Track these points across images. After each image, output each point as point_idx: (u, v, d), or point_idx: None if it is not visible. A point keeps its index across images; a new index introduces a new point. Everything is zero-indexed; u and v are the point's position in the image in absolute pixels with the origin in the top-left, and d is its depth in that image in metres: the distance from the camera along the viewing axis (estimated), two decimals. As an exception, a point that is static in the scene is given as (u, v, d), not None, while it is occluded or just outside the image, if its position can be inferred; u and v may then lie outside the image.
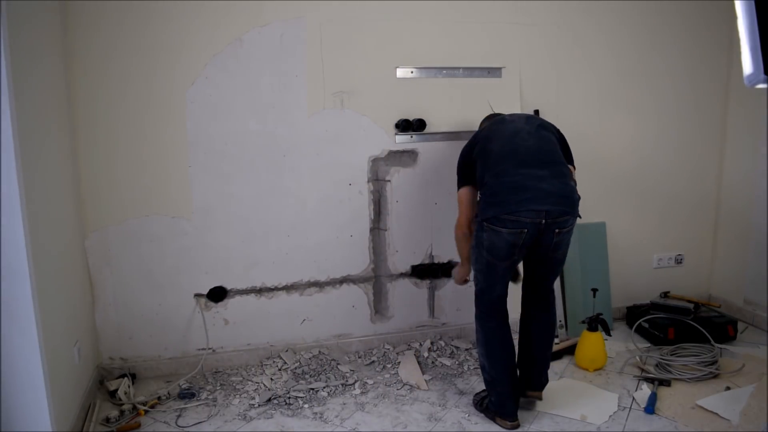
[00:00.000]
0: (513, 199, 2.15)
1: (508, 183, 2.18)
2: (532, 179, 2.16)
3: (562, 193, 2.18)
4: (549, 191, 2.16)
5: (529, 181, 2.16)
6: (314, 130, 2.87)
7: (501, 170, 2.22)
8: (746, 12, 0.97)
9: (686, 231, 3.56)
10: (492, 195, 2.21)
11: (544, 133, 2.36)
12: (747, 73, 1.00)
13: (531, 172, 2.18)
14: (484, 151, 2.35)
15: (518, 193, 2.15)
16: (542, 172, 2.19)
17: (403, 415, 2.46)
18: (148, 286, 2.77)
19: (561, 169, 2.24)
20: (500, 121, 2.47)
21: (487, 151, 2.33)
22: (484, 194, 2.27)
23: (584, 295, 3.16)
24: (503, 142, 2.31)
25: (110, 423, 2.37)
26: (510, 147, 2.27)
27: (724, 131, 3.50)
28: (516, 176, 2.18)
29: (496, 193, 2.19)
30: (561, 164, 2.27)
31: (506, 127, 2.38)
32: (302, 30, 2.77)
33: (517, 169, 2.19)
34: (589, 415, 2.42)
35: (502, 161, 2.24)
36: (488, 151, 2.32)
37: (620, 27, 3.23)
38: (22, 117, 1.85)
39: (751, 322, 3.36)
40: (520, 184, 2.16)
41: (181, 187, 2.75)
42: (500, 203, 2.17)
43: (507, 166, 2.22)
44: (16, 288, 1.83)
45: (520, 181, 2.17)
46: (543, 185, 2.16)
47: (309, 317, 3.01)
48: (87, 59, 2.55)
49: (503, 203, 2.16)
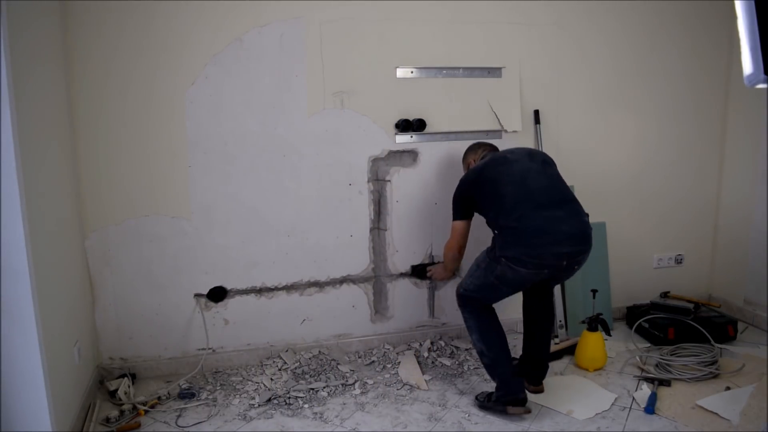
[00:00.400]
0: (537, 242, 2.24)
1: (530, 227, 2.26)
2: (552, 222, 2.25)
3: (581, 233, 2.30)
4: (569, 233, 2.26)
5: (549, 224, 2.25)
6: (314, 130, 2.87)
7: (521, 215, 2.28)
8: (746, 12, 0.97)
9: (686, 231, 3.56)
10: (515, 236, 2.28)
11: (550, 170, 2.46)
12: (747, 73, 0.99)
13: (550, 214, 2.27)
14: (495, 195, 2.39)
15: (541, 236, 2.24)
16: (560, 212, 2.29)
17: (403, 415, 2.46)
18: (148, 286, 2.77)
19: (576, 207, 2.35)
20: (502, 160, 2.47)
21: (499, 195, 2.37)
22: (505, 235, 2.32)
23: (584, 295, 3.16)
24: (516, 186, 2.36)
25: (110, 423, 2.37)
26: (524, 190, 2.33)
27: (724, 131, 3.50)
28: (537, 219, 2.26)
29: (519, 236, 2.27)
30: (574, 201, 2.38)
31: (513, 168, 2.41)
32: (302, 30, 2.77)
33: (537, 212, 2.27)
34: (576, 410, 2.43)
35: (520, 205, 2.30)
36: (501, 195, 2.37)
37: (620, 27, 3.23)
38: (22, 117, 1.86)
39: (751, 322, 3.36)
40: (542, 228, 2.25)
41: (180, 187, 2.75)
42: (524, 245, 2.25)
43: (525, 210, 2.28)
44: (16, 288, 1.83)
45: (542, 225, 2.25)
46: (563, 227, 2.26)
47: (309, 317, 3.01)
48: (87, 59, 2.55)
49: (528, 246, 2.25)
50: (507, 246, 2.28)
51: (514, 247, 2.26)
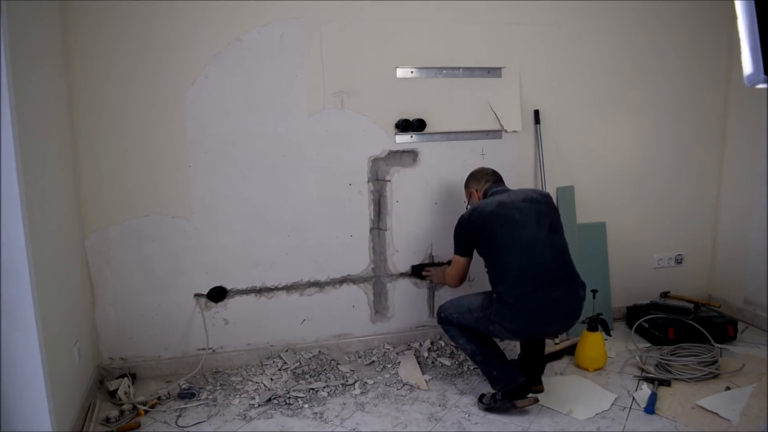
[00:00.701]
0: (533, 322, 2.36)
1: (529, 308, 2.33)
2: (550, 303, 2.34)
3: (575, 312, 2.42)
4: (565, 314, 2.40)
5: (548, 306, 2.34)
6: (314, 130, 2.87)
7: (522, 293, 2.34)
8: (746, 12, 0.97)
9: (686, 231, 3.56)
10: (512, 312, 2.35)
11: (556, 239, 2.45)
12: (747, 73, 0.99)
13: (550, 295, 2.34)
14: (498, 258, 2.41)
15: (538, 317, 2.35)
16: (559, 293, 2.36)
17: (403, 415, 2.46)
18: (148, 286, 2.77)
19: (575, 285, 2.41)
20: (510, 221, 2.40)
21: (503, 263, 2.38)
22: (502, 305, 2.36)
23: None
24: (522, 257, 2.36)
25: (110, 423, 2.37)
26: (529, 265, 2.35)
27: (724, 131, 3.50)
28: (536, 301, 2.33)
29: (517, 313, 2.35)
30: (574, 277, 2.43)
31: (521, 236, 2.38)
32: (302, 30, 2.77)
33: (537, 293, 2.33)
34: (576, 410, 2.43)
35: (523, 283, 2.34)
36: (504, 264, 2.37)
37: (620, 27, 3.23)
38: (22, 117, 1.86)
39: (751, 322, 3.36)
40: (540, 310, 2.34)
41: (181, 187, 2.75)
42: (520, 323, 2.37)
43: (527, 289, 2.34)
44: (16, 288, 1.83)
45: (540, 307, 2.33)
46: (560, 309, 2.37)
47: (309, 317, 3.01)
48: (87, 59, 2.55)
49: (524, 324, 2.37)
50: (503, 317, 2.37)
51: (510, 320, 2.36)
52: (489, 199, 2.54)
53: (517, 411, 2.42)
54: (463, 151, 3.08)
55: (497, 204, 2.47)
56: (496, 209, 2.45)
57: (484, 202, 2.52)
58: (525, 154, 3.18)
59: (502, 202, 2.47)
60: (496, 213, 2.44)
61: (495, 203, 2.48)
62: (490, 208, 2.46)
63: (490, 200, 2.52)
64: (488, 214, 2.45)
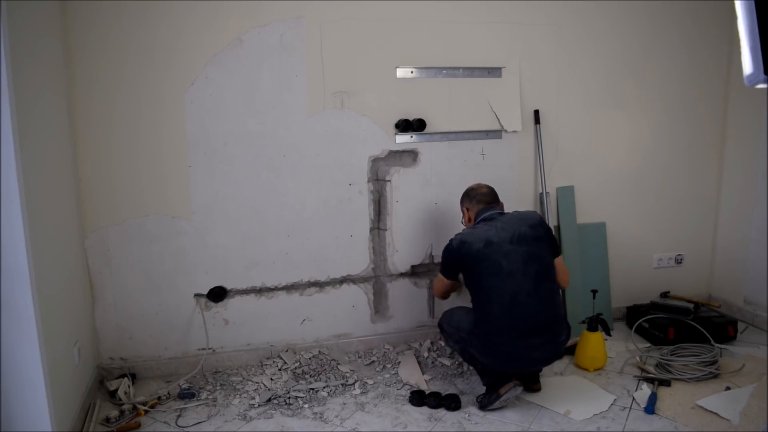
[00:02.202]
0: (507, 365, 2.43)
1: (505, 353, 2.39)
2: (527, 350, 2.38)
3: (551, 356, 2.48)
4: (540, 359, 2.46)
5: (524, 352, 2.38)
6: (314, 130, 2.87)
7: (500, 341, 2.38)
8: (746, 12, 0.97)
9: (686, 231, 3.56)
10: (489, 354, 2.42)
11: (543, 287, 2.42)
12: (747, 73, 0.99)
13: (528, 342, 2.37)
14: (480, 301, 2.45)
15: (513, 362, 2.41)
16: (538, 339, 2.39)
17: (403, 415, 2.46)
18: (148, 286, 2.77)
19: (556, 331, 2.44)
20: (496, 267, 2.39)
21: (484, 310, 2.42)
22: (481, 344, 2.42)
23: (584, 295, 3.15)
24: (503, 309, 2.37)
25: (110, 423, 2.37)
26: (510, 317, 2.37)
27: (724, 131, 3.50)
28: (513, 348, 2.37)
29: (493, 356, 2.41)
30: (557, 324, 2.46)
31: (505, 285, 2.38)
32: (302, 30, 2.77)
33: (515, 341, 2.37)
34: (575, 410, 2.44)
35: (501, 331, 2.38)
36: (486, 312, 2.41)
37: (620, 27, 3.23)
38: (21, 117, 1.86)
39: (751, 322, 3.36)
40: (516, 356, 2.39)
41: (180, 187, 2.74)
42: (497, 362, 2.42)
43: (505, 337, 2.37)
44: (16, 288, 1.83)
45: (516, 354, 2.38)
46: (536, 354, 2.41)
47: (309, 317, 3.01)
48: (86, 59, 2.55)
49: (501, 364, 2.43)
50: (481, 352, 2.44)
51: (486, 358, 2.43)
52: (478, 231, 2.50)
53: (513, 401, 2.47)
54: (463, 151, 3.08)
55: (485, 243, 2.43)
56: (483, 249, 2.42)
57: (473, 236, 2.48)
58: (525, 154, 3.18)
59: (489, 240, 2.43)
60: (483, 255, 2.42)
61: (483, 241, 2.44)
62: (478, 246, 2.44)
63: (479, 233, 2.48)
64: (475, 253, 2.43)
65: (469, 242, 2.47)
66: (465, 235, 2.54)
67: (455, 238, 2.55)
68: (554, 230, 3.24)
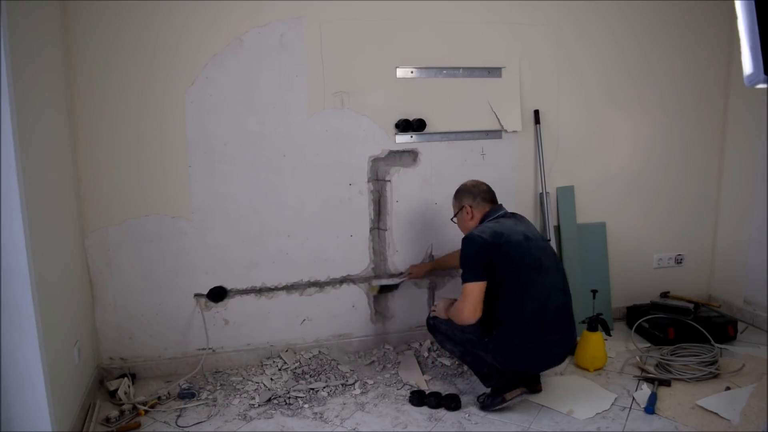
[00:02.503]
0: (532, 362, 2.44)
1: (531, 350, 2.37)
2: (550, 346, 2.40)
3: (567, 352, 2.50)
4: (560, 354, 2.46)
5: (548, 348, 2.40)
6: (314, 130, 2.87)
7: (531, 337, 2.35)
8: (746, 12, 0.97)
9: (686, 231, 3.56)
10: (516, 351, 2.37)
11: (567, 284, 2.49)
12: (747, 73, 0.99)
13: (552, 338, 2.39)
14: (514, 297, 2.34)
15: (539, 358, 2.42)
16: (559, 335, 2.41)
17: (403, 415, 2.46)
18: (148, 286, 2.77)
19: (572, 328, 2.48)
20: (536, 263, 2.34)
21: (519, 306, 2.34)
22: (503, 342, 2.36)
23: (584, 295, 3.15)
24: (538, 304, 2.34)
25: (110, 423, 2.37)
26: (543, 312, 2.36)
27: (724, 131, 3.50)
28: (541, 344, 2.37)
29: (521, 353, 2.37)
30: (573, 320, 2.50)
31: (543, 281, 2.35)
32: (302, 30, 2.77)
33: (542, 338, 2.37)
34: (577, 410, 2.44)
35: (532, 328, 2.35)
36: (520, 308, 2.34)
37: (620, 27, 3.23)
38: (22, 117, 1.86)
39: (751, 322, 3.36)
40: (541, 353, 2.39)
41: (180, 187, 2.74)
42: (520, 361, 2.40)
43: (536, 334, 2.35)
44: (16, 288, 1.83)
45: (542, 350, 2.39)
46: (557, 350, 2.43)
47: (309, 317, 3.01)
48: (86, 59, 2.55)
49: (523, 363, 2.41)
50: (502, 353, 2.38)
51: (507, 358, 2.38)
52: (508, 225, 2.39)
53: (513, 404, 2.44)
54: (463, 151, 3.08)
55: (524, 237, 2.35)
56: (524, 242, 2.34)
57: (507, 228, 2.37)
58: (525, 154, 3.18)
59: (526, 235, 2.36)
60: (525, 249, 2.34)
61: (521, 234, 2.35)
62: (517, 238, 2.34)
63: (509, 227, 2.37)
64: (516, 245, 2.32)
65: (506, 234, 2.33)
66: (494, 227, 2.37)
67: (481, 232, 2.35)
68: (554, 230, 3.24)
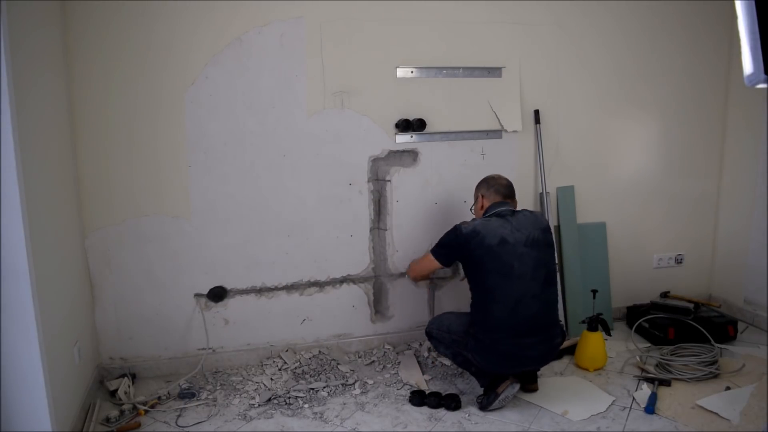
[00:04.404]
0: (505, 364, 2.43)
1: (501, 351, 2.39)
2: (523, 348, 2.40)
3: (548, 355, 2.52)
4: (534, 357, 2.46)
5: (520, 350, 2.40)
6: (314, 130, 2.87)
7: (498, 338, 2.39)
8: (746, 12, 0.97)
9: (686, 231, 3.56)
10: (486, 351, 2.41)
11: (548, 291, 2.45)
12: (747, 73, 0.99)
13: (524, 341, 2.39)
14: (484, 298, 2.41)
15: (509, 360, 2.41)
16: (534, 339, 2.40)
17: (403, 415, 2.46)
18: (148, 286, 2.77)
19: (552, 333, 2.47)
20: (507, 268, 2.35)
21: (487, 308, 2.40)
22: (477, 341, 2.41)
23: (584, 295, 3.16)
24: (505, 311, 2.37)
25: (110, 423, 2.37)
26: (511, 318, 2.37)
27: (724, 131, 3.50)
28: (510, 346, 2.39)
29: (491, 353, 2.41)
30: (554, 327, 2.49)
31: (512, 288, 2.36)
32: (302, 30, 2.77)
33: (513, 340, 2.38)
34: (572, 411, 2.44)
35: (500, 330, 2.38)
36: (488, 310, 2.39)
37: (620, 27, 3.23)
38: (22, 117, 1.86)
39: (751, 322, 3.36)
40: (512, 354, 2.40)
41: (180, 187, 2.74)
42: (492, 361, 2.42)
43: (504, 336, 2.38)
44: (16, 288, 1.83)
45: (513, 352, 2.39)
46: (531, 353, 2.42)
47: (309, 317, 3.01)
48: (86, 59, 2.55)
49: (496, 364, 2.43)
50: (476, 353, 2.43)
51: (482, 358, 2.42)
52: (492, 225, 2.42)
53: (513, 400, 2.48)
54: (463, 151, 3.08)
55: (499, 240, 2.37)
56: (496, 246, 2.37)
57: (487, 229, 2.40)
58: (525, 154, 3.18)
59: (504, 239, 2.38)
60: (495, 253, 2.36)
61: (497, 237, 2.38)
62: (491, 242, 2.37)
63: (494, 228, 2.40)
64: (487, 248, 2.37)
65: (482, 234, 2.39)
66: (478, 225, 2.43)
67: (466, 225, 2.45)
68: (554, 230, 3.24)
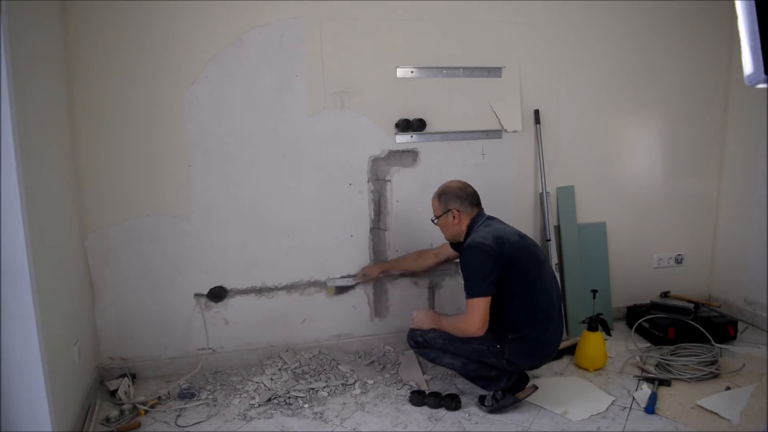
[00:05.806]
0: (545, 354, 2.47)
1: (547, 340, 2.43)
2: (556, 334, 2.47)
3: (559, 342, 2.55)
4: (558, 342, 2.51)
5: (556, 336, 2.47)
6: (314, 130, 2.87)
7: (546, 328, 2.41)
8: (746, 12, 0.97)
9: (686, 231, 3.56)
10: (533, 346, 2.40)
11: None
12: (747, 73, 0.99)
13: (556, 324, 2.46)
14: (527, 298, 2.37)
15: (549, 348, 2.46)
16: (558, 322, 2.48)
17: (403, 415, 2.46)
18: (149, 286, 2.77)
19: (561, 312, 2.55)
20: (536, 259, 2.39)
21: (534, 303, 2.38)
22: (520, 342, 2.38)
23: (584, 296, 3.15)
24: (547, 295, 2.41)
25: (110, 423, 2.37)
26: (551, 300, 2.42)
27: (724, 131, 3.50)
28: (552, 333, 2.44)
29: (536, 346, 2.41)
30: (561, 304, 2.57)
31: (546, 273, 2.44)
32: (302, 30, 2.77)
33: (552, 324, 2.43)
34: (572, 411, 2.44)
35: (549, 319, 2.41)
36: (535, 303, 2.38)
37: (620, 27, 3.23)
38: (22, 117, 1.86)
39: (751, 322, 3.36)
40: (553, 341, 2.47)
41: (181, 186, 2.75)
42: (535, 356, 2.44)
43: (551, 324, 2.42)
44: (16, 288, 1.83)
45: (553, 339, 2.46)
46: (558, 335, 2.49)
47: (309, 317, 3.01)
48: (87, 59, 2.55)
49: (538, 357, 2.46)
50: (520, 354, 2.39)
51: (525, 356, 2.40)
52: (500, 228, 2.39)
53: (520, 404, 2.45)
54: (463, 151, 3.08)
55: (517, 237, 2.38)
56: (520, 243, 2.37)
57: (500, 231, 2.35)
58: (525, 154, 3.18)
59: (520, 235, 2.41)
60: (524, 248, 2.37)
61: (514, 235, 2.38)
62: (514, 239, 2.35)
63: (503, 230, 2.38)
64: (519, 247, 2.34)
65: (503, 237, 2.32)
66: (491, 232, 2.33)
67: (482, 239, 2.30)
68: (554, 230, 3.24)
